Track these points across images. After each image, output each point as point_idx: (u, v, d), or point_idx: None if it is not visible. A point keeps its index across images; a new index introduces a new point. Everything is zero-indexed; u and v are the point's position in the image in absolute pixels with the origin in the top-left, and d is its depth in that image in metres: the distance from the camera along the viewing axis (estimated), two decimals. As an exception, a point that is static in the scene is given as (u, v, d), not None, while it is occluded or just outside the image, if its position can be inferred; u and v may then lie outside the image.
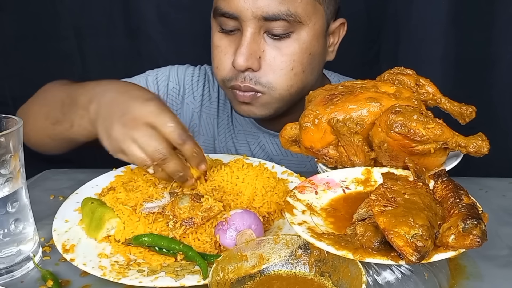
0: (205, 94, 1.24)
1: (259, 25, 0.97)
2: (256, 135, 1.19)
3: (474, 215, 0.59)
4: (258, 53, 0.99)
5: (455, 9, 1.41)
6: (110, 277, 0.71)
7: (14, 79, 1.69)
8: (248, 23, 0.97)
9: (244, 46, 0.97)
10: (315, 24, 1.00)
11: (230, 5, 0.98)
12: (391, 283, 0.64)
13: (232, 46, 1.01)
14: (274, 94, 1.02)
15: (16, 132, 0.72)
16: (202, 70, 1.26)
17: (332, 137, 0.78)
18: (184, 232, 0.77)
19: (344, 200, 0.72)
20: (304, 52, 1.01)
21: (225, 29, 1.02)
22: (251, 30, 0.97)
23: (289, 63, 1.00)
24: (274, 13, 0.95)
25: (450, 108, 0.82)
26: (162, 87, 1.23)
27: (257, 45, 0.99)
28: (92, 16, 1.62)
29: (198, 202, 0.79)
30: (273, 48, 0.99)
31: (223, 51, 1.03)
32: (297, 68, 1.01)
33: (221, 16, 1.00)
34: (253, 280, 0.63)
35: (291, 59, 1.00)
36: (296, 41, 0.99)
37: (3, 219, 0.74)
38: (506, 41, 1.41)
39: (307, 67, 1.02)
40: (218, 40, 1.04)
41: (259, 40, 0.99)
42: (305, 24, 0.99)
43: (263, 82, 1.00)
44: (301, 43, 1.00)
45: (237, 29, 1.00)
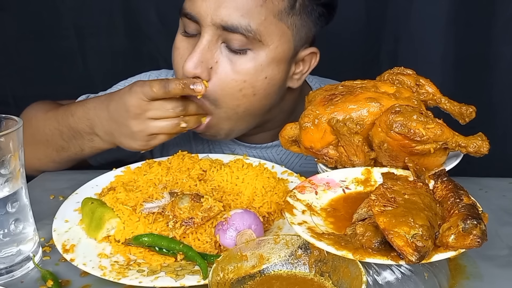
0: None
1: (217, 34, 0.93)
2: (232, 147, 1.15)
3: (474, 215, 0.60)
4: (210, 62, 0.94)
5: (455, 9, 1.41)
6: (110, 277, 0.71)
7: (15, 78, 1.70)
8: (206, 29, 0.92)
9: (196, 52, 0.93)
10: (277, 47, 0.94)
11: (193, 7, 0.93)
12: (391, 283, 0.64)
13: (189, 50, 0.96)
14: (220, 113, 0.98)
15: (16, 132, 0.72)
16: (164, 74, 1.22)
17: (332, 137, 0.78)
18: (184, 232, 0.77)
19: (344, 200, 0.72)
20: (259, 75, 0.95)
21: (187, 32, 0.97)
22: (208, 37, 0.93)
23: (239, 83, 0.94)
24: (234, 24, 0.91)
25: (450, 108, 0.82)
26: None
27: (211, 54, 0.93)
28: (93, 16, 1.62)
29: (198, 202, 0.79)
30: (227, 62, 0.94)
31: (180, 54, 0.98)
32: (247, 90, 0.95)
33: (184, 17, 0.96)
34: (253, 280, 0.63)
35: (243, 79, 0.94)
36: (252, 60, 0.94)
37: (3, 219, 0.74)
38: (506, 41, 1.41)
39: (260, 91, 0.96)
40: (179, 41, 0.99)
41: (214, 49, 0.94)
42: (265, 44, 0.93)
43: (209, 97, 0.95)
44: (257, 64, 0.94)
45: (198, 33, 0.95)
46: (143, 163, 0.99)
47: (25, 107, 1.37)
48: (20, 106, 1.68)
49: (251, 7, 0.91)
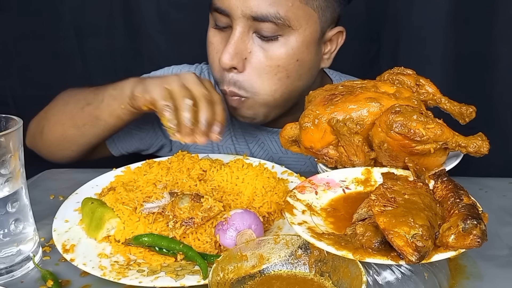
0: None
1: (248, 25, 0.97)
2: (254, 133, 1.19)
3: (474, 215, 0.59)
4: (244, 53, 0.98)
5: (455, 9, 1.41)
6: (110, 277, 0.71)
7: (14, 79, 1.70)
8: (238, 21, 0.97)
9: (231, 44, 0.97)
10: (305, 30, 0.99)
11: (223, 2, 0.98)
12: (391, 283, 0.64)
13: (222, 43, 1.01)
14: (257, 99, 1.02)
15: (16, 132, 0.72)
16: (199, 69, 1.26)
17: (332, 137, 0.78)
18: (184, 232, 0.77)
19: (344, 200, 0.72)
20: (291, 58, 0.99)
21: (219, 25, 1.02)
22: (240, 29, 0.97)
23: (274, 68, 0.99)
24: (263, 14, 0.95)
25: (450, 108, 0.82)
26: None
27: (245, 45, 0.98)
28: (93, 16, 1.62)
29: (198, 202, 0.79)
30: (260, 50, 0.98)
31: (215, 49, 1.03)
32: (281, 73, 1.00)
33: (214, 12, 1.00)
34: (253, 280, 0.63)
35: (276, 64, 0.99)
36: (283, 45, 0.98)
37: (3, 219, 0.74)
38: (506, 41, 1.41)
39: (293, 73, 1.01)
40: (212, 36, 1.04)
41: (247, 39, 0.98)
42: (294, 29, 0.97)
43: (246, 86, 1.00)
44: (289, 48, 0.98)
45: (229, 26, 1.00)
46: (143, 163, 0.99)
47: (25, 107, 1.38)
48: (20, 106, 1.69)
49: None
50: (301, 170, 0.99)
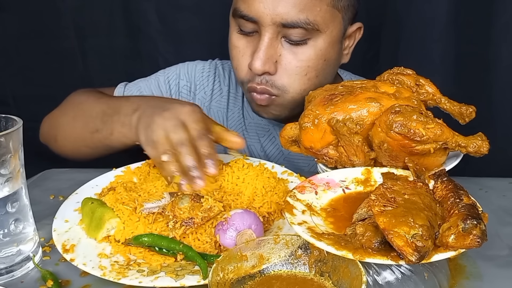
0: (215, 89, 1.25)
1: (277, 31, 0.98)
2: (266, 127, 1.20)
3: (474, 215, 0.60)
4: (274, 57, 1.00)
5: (455, 9, 1.41)
6: (110, 277, 0.71)
7: (15, 79, 1.70)
8: (267, 28, 0.98)
9: (261, 51, 0.99)
10: (332, 31, 1.01)
11: (250, 9, 0.98)
12: (391, 283, 0.64)
13: (249, 48, 1.02)
14: (287, 97, 1.03)
15: (16, 132, 0.72)
16: (213, 65, 1.27)
17: (332, 137, 0.78)
18: (184, 232, 0.77)
19: (344, 200, 0.72)
20: (320, 59, 1.02)
21: (244, 31, 1.03)
22: (269, 35, 0.98)
23: (304, 68, 1.01)
24: (293, 21, 0.96)
25: (450, 108, 0.82)
26: (174, 86, 1.24)
27: (274, 50, 1.00)
28: (93, 15, 1.62)
29: (198, 202, 0.79)
30: (289, 53, 1.00)
31: (241, 52, 1.04)
32: (311, 73, 1.02)
33: (240, 18, 1.01)
34: (253, 280, 0.63)
35: (306, 65, 1.01)
36: (312, 47, 1.00)
37: (3, 219, 0.74)
38: (506, 41, 1.41)
39: (321, 72, 1.04)
40: (236, 40, 1.05)
41: (276, 44, 1.00)
42: (322, 32, 0.99)
43: (278, 85, 1.02)
44: (317, 50, 1.01)
45: (255, 31, 1.01)
46: (143, 163, 0.99)
47: (25, 107, 1.38)
48: (20, 106, 1.69)
49: (307, 2, 0.96)
50: (312, 165, 1.00)
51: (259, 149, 1.21)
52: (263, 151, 1.21)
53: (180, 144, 0.84)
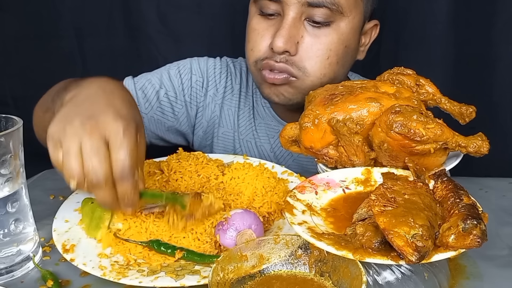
0: (227, 86, 1.24)
1: (301, 11, 0.98)
2: (276, 128, 1.19)
3: (474, 215, 0.59)
4: (297, 37, 1.00)
5: (455, 9, 1.41)
6: (110, 277, 0.71)
7: (14, 79, 1.69)
8: (291, 7, 0.98)
9: (284, 29, 0.98)
10: (354, 17, 1.02)
11: None
12: (391, 283, 0.64)
13: (270, 30, 1.02)
14: (306, 80, 1.02)
15: (16, 132, 0.72)
16: (224, 62, 1.26)
17: (332, 137, 0.78)
18: (184, 227, 0.77)
19: (344, 200, 0.72)
20: (341, 44, 1.02)
21: (265, 13, 1.02)
22: (292, 15, 0.98)
23: (326, 51, 1.01)
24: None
25: (450, 108, 0.82)
26: (186, 80, 1.22)
27: (297, 30, 0.99)
28: (92, 16, 1.62)
29: (199, 199, 0.78)
30: (312, 35, 1.00)
31: (260, 34, 1.04)
32: (332, 58, 1.02)
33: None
34: (253, 280, 0.63)
35: (328, 48, 1.01)
36: (335, 31, 1.01)
37: (3, 219, 0.74)
38: (506, 41, 1.41)
39: (342, 59, 1.04)
40: (256, 23, 1.05)
41: (299, 25, 1.00)
42: (345, 15, 1.00)
43: (299, 66, 1.01)
44: (339, 34, 1.01)
45: (278, 14, 1.01)
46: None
47: (25, 107, 1.36)
48: (20, 106, 1.69)
49: None
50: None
51: (269, 149, 1.20)
52: (273, 152, 1.20)
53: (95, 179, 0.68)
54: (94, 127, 0.69)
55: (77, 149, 0.68)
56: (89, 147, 0.68)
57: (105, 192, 0.69)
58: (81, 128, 0.69)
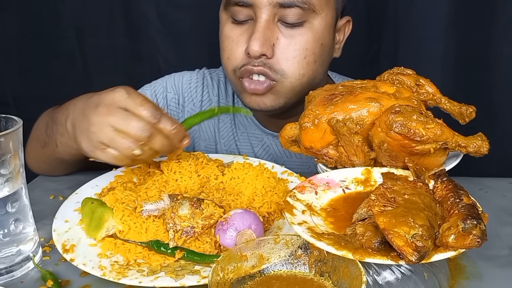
0: (204, 100, 1.22)
1: (274, 12, 0.98)
2: (259, 136, 1.18)
3: (474, 215, 0.59)
4: (272, 40, 0.99)
5: (455, 9, 1.41)
6: (110, 277, 0.71)
7: (15, 79, 1.70)
8: (263, 10, 0.97)
9: (258, 32, 0.97)
10: (327, 14, 1.02)
11: None
12: (391, 283, 0.64)
13: (244, 36, 1.01)
14: (285, 82, 1.01)
15: (16, 132, 0.72)
16: (200, 75, 1.24)
17: (332, 137, 0.78)
18: (184, 242, 0.77)
19: (344, 200, 0.72)
20: (317, 42, 1.01)
21: (237, 19, 1.02)
22: (265, 17, 0.98)
23: (302, 51, 1.00)
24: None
25: (450, 108, 0.82)
26: (161, 99, 1.22)
27: (271, 32, 0.99)
28: (93, 16, 1.62)
29: (199, 208, 0.78)
30: (287, 36, 1.00)
31: (234, 41, 1.03)
32: (309, 57, 1.01)
33: (234, 6, 1.00)
34: (253, 280, 0.63)
35: (304, 47, 1.00)
36: (309, 30, 1.00)
37: (3, 219, 0.74)
38: (506, 41, 1.41)
39: (319, 57, 1.03)
40: (229, 30, 1.04)
41: (273, 27, 0.99)
42: (318, 13, 1.00)
43: (276, 69, 1.00)
44: (314, 32, 1.01)
45: (250, 19, 1.00)
46: (143, 163, 0.99)
47: (25, 107, 1.37)
48: (20, 106, 1.69)
49: None
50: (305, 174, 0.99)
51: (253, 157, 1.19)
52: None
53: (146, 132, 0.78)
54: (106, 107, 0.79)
55: (114, 130, 0.77)
56: (119, 119, 0.78)
57: (159, 139, 0.79)
58: (99, 117, 0.79)
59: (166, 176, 0.89)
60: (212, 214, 0.78)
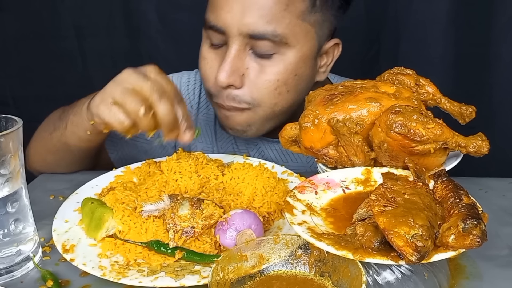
0: (201, 102, 1.22)
1: (245, 42, 0.95)
2: (255, 141, 1.18)
3: (474, 215, 0.59)
4: (241, 70, 0.97)
5: (455, 9, 1.41)
6: (110, 277, 0.71)
7: (14, 79, 1.70)
8: (234, 39, 0.95)
9: (227, 62, 0.96)
10: (303, 46, 0.98)
11: (218, 19, 0.96)
12: (391, 283, 0.64)
13: (217, 60, 0.99)
14: (258, 110, 1.00)
15: (16, 132, 0.72)
16: (198, 76, 1.23)
17: (332, 137, 0.78)
18: (184, 242, 0.77)
19: (344, 200, 0.72)
20: (290, 73, 0.98)
21: (213, 43, 1.00)
22: (236, 47, 0.95)
23: (273, 82, 0.98)
24: (260, 32, 0.93)
25: (450, 108, 0.82)
26: None
27: (241, 62, 0.97)
28: (93, 16, 1.62)
29: (199, 208, 0.78)
30: (258, 66, 0.97)
31: (209, 64, 1.02)
32: (281, 88, 0.99)
33: (209, 29, 0.99)
34: (253, 280, 0.63)
35: (275, 79, 0.98)
36: (281, 61, 0.97)
37: (3, 219, 0.74)
38: (506, 41, 1.41)
39: (292, 88, 1.00)
40: (206, 52, 1.02)
41: (243, 56, 0.97)
42: (292, 46, 0.96)
43: (247, 100, 0.99)
44: (287, 64, 0.98)
45: (225, 44, 0.98)
46: (143, 163, 0.99)
47: (25, 107, 1.37)
48: (20, 106, 1.69)
49: (275, 13, 0.93)
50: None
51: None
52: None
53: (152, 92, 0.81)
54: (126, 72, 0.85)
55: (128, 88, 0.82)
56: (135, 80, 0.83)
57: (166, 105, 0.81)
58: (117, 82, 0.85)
59: (166, 176, 0.89)
60: (212, 214, 0.78)
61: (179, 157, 0.93)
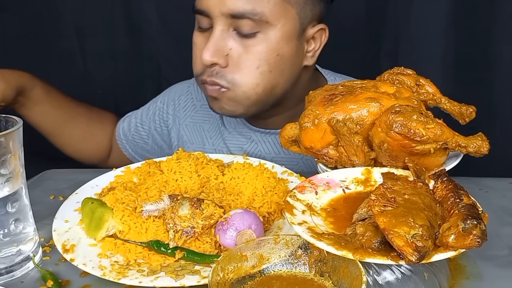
0: (187, 106, 1.27)
1: (228, 23, 0.99)
2: (247, 134, 1.19)
3: (474, 215, 0.60)
4: (225, 50, 1.00)
5: (455, 9, 1.41)
6: (110, 277, 0.71)
7: (14, 79, 1.69)
8: (217, 20, 0.99)
9: (211, 42, 0.99)
10: (284, 25, 1.01)
11: (202, 3, 1.01)
12: (391, 283, 0.64)
13: (205, 43, 1.02)
14: (238, 91, 1.02)
15: (16, 132, 0.72)
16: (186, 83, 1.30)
17: (332, 137, 0.78)
18: (184, 242, 0.77)
19: (344, 200, 0.72)
20: (272, 53, 1.01)
21: (201, 27, 1.04)
22: (219, 27, 0.99)
23: (255, 61, 1.00)
24: (240, 11, 0.97)
25: (450, 108, 0.82)
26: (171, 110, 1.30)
27: (225, 42, 1.00)
28: (93, 16, 1.62)
29: (199, 208, 0.78)
30: (240, 46, 1.00)
31: (198, 48, 1.05)
32: (263, 67, 1.01)
33: (196, 14, 1.03)
34: (253, 280, 0.63)
35: (257, 58, 1.00)
36: (263, 40, 1.00)
37: (3, 219, 0.74)
38: (506, 41, 1.41)
39: (275, 68, 1.02)
40: (196, 37, 1.06)
41: (227, 37, 1.00)
42: (272, 24, 0.99)
43: (228, 78, 1.01)
44: (268, 43, 1.00)
45: (211, 27, 1.02)
46: (143, 163, 0.99)
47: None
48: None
49: None
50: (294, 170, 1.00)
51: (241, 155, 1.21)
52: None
53: None
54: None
55: None
56: None
57: None
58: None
59: (166, 176, 0.89)
60: (212, 214, 0.78)
61: (179, 157, 0.93)
